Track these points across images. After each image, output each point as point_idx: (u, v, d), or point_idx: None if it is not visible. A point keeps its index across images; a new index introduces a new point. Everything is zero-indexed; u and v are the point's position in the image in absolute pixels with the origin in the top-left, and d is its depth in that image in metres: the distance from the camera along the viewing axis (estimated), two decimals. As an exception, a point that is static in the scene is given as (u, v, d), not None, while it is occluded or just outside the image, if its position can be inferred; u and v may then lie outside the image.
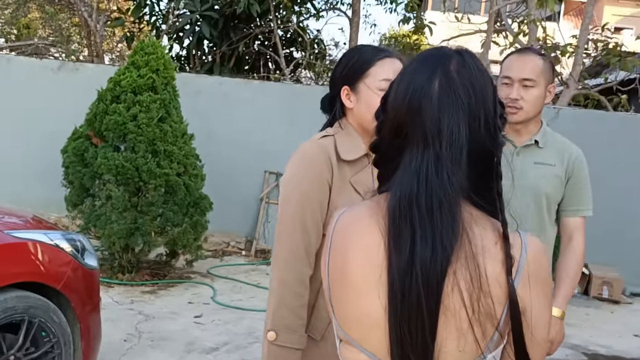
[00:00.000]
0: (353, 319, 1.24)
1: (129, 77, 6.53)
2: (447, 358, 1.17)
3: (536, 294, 1.21)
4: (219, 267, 7.71)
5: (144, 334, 5.23)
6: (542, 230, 2.72)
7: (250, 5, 10.05)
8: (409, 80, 1.25)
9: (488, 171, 1.25)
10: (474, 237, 1.17)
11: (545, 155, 2.71)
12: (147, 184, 6.38)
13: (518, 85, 2.63)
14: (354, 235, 1.26)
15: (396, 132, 1.25)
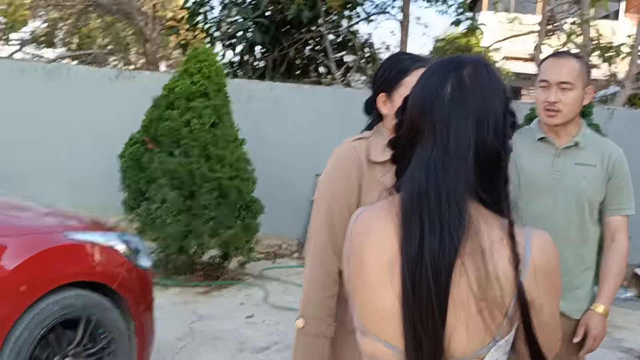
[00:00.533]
0: (370, 312, 1.34)
1: (182, 84, 6.73)
2: (458, 344, 1.25)
3: (543, 285, 1.29)
4: (271, 269, 7.85)
5: (197, 333, 5.40)
6: (583, 229, 2.76)
7: (301, 11, 10.20)
8: (425, 83, 1.36)
9: (495, 173, 1.32)
10: (481, 231, 1.25)
11: (586, 156, 2.75)
12: (200, 187, 6.55)
13: (556, 88, 2.66)
14: (370, 233, 1.36)
15: (410, 130, 1.35)
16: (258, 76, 11.08)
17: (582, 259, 2.79)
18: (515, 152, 2.75)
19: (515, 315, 1.28)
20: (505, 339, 1.29)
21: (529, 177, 2.73)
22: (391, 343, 1.31)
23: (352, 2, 11.26)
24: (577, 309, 2.78)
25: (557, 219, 2.70)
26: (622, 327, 6.48)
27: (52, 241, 3.41)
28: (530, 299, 1.27)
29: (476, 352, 1.27)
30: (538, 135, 2.79)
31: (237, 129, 7.02)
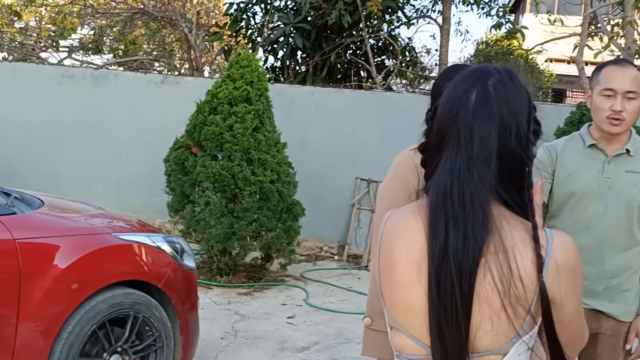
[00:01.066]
0: (400, 308, 1.43)
1: (225, 90, 6.90)
2: (483, 340, 1.34)
3: (566, 284, 1.37)
4: (312, 271, 7.95)
5: (239, 332, 5.53)
6: (632, 235, 2.79)
7: (342, 16, 10.30)
8: (452, 91, 1.45)
9: (519, 178, 1.40)
10: (504, 232, 1.34)
11: (636, 164, 2.78)
12: (242, 190, 6.71)
13: (621, 97, 2.69)
14: (400, 234, 1.45)
15: (438, 136, 1.44)
16: (299, 81, 11.21)
17: (631, 263, 2.82)
18: (564, 157, 2.80)
19: (537, 312, 1.35)
20: (529, 334, 1.37)
21: (579, 183, 2.78)
22: (420, 339, 1.40)
23: (393, 7, 11.32)
24: (626, 312, 2.82)
25: (606, 224, 2.75)
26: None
27: (102, 242, 3.57)
28: (552, 297, 1.34)
29: (500, 347, 1.35)
30: (588, 142, 2.81)
31: (279, 133, 7.15)
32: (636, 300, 2.83)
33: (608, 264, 2.77)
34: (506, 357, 1.36)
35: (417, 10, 12.63)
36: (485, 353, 1.35)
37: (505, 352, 1.36)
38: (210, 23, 12.75)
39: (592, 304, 2.79)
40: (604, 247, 2.76)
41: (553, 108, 8.60)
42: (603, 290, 2.78)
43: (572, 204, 2.80)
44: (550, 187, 2.86)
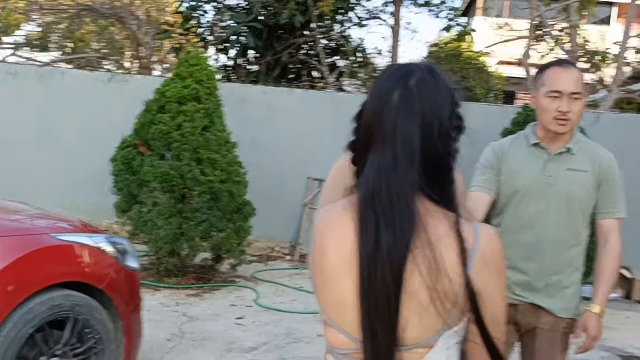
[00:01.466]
0: (332, 303, 1.44)
1: (173, 88, 6.81)
2: (411, 332, 1.35)
3: (490, 276, 1.40)
4: (263, 271, 7.91)
5: (186, 334, 5.46)
6: (574, 232, 2.85)
7: (293, 15, 10.29)
8: (376, 90, 1.47)
9: (442, 173, 1.42)
10: (430, 227, 1.36)
11: (577, 162, 2.83)
12: (191, 190, 6.63)
13: (567, 98, 2.74)
14: (331, 230, 1.46)
15: (365, 134, 1.45)
16: (251, 80, 11.15)
17: (572, 260, 2.87)
18: (509, 156, 2.87)
19: (465, 305, 1.37)
20: (457, 327, 1.39)
21: (522, 181, 2.84)
22: (351, 333, 1.40)
23: (344, 7, 11.34)
24: (564, 308, 2.87)
25: (548, 221, 2.80)
26: (606, 327, 6.48)
27: (40, 242, 3.47)
28: (478, 289, 1.37)
29: (427, 340, 1.37)
30: (532, 141, 2.87)
31: (229, 132, 7.09)
32: (575, 297, 2.89)
33: (549, 261, 2.82)
34: (433, 349, 1.38)
35: (369, 11, 12.69)
36: (413, 346, 1.37)
37: (431, 345, 1.38)
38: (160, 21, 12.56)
39: (532, 299, 2.84)
40: (545, 244, 2.81)
41: (500, 109, 8.72)
42: (543, 287, 2.83)
43: (516, 201, 2.85)
44: (497, 185, 2.90)
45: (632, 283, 7.79)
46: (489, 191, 2.89)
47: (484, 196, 2.89)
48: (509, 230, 2.84)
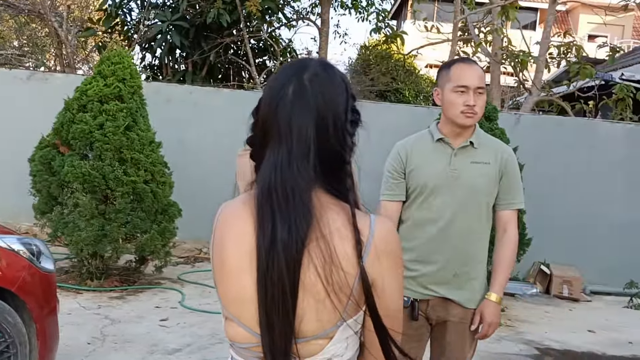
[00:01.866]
0: (232, 298, 1.45)
1: (95, 87, 6.67)
2: (308, 326, 1.38)
3: (386, 267, 1.42)
4: (190, 272, 7.83)
5: (108, 337, 5.36)
6: (480, 224, 2.96)
7: (220, 15, 10.22)
8: (271, 86, 1.47)
9: (338, 167, 1.44)
10: (325, 221, 1.38)
11: (480, 155, 2.95)
12: (114, 191, 6.51)
13: (473, 93, 2.87)
14: (231, 225, 1.47)
15: (262, 129, 1.46)
16: (178, 80, 11.03)
17: (478, 252, 2.98)
18: (414, 153, 2.97)
19: (360, 297, 1.40)
20: (353, 318, 1.41)
21: (429, 175, 2.93)
22: (251, 327, 1.42)
23: (272, 8, 11.34)
24: (472, 299, 2.96)
25: (456, 214, 2.90)
26: (525, 321, 6.78)
27: (-52, 244, 3.35)
28: (372, 280, 1.40)
29: (325, 332, 1.39)
30: (437, 137, 2.97)
31: (154, 132, 6.98)
32: (482, 287, 2.99)
33: (457, 253, 2.92)
34: (332, 340, 1.40)
35: (297, 12, 12.73)
36: (311, 338, 1.39)
37: (331, 336, 1.40)
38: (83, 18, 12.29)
39: (442, 292, 2.93)
40: (453, 236, 2.90)
41: (427, 110, 8.88)
42: (452, 278, 2.92)
43: (423, 196, 2.94)
44: (405, 186, 2.99)
45: (551, 279, 8.05)
46: (397, 197, 3.01)
47: (394, 205, 3.01)
48: (418, 224, 2.94)
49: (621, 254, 8.49)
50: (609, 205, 8.60)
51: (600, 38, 27.03)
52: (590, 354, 5.91)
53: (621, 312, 7.58)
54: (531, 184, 7.17)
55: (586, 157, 8.60)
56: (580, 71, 9.07)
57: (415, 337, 2.96)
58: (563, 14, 33.01)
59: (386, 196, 3.03)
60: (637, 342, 6.37)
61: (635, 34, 31.20)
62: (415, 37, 12.84)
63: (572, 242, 8.47)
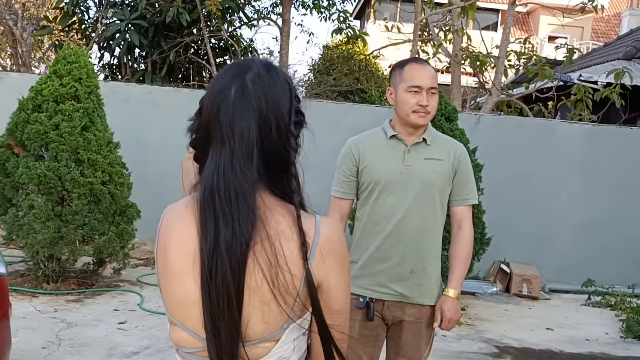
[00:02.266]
0: (176, 302, 1.42)
1: (50, 86, 6.54)
2: (255, 329, 1.36)
3: (332, 268, 1.41)
4: (149, 275, 7.72)
5: (64, 341, 5.25)
6: (434, 220, 2.99)
7: (180, 14, 10.12)
8: (213, 87, 1.45)
9: (282, 168, 1.42)
10: (270, 222, 1.37)
11: (433, 152, 2.99)
12: (70, 193, 6.39)
13: (426, 93, 2.90)
14: (174, 228, 1.44)
15: (204, 131, 1.43)
16: (138, 79, 10.88)
17: (432, 248, 3.00)
18: (367, 150, 2.99)
19: (307, 298, 1.39)
20: (299, 321, 1.40)
21: (383, 172, 2.95)
22: (196, 332, 1.39)
23: (233, 7, 11.26)
24: (429, 295, 2.98)
25: (410, 210, 2.92)
26: (485, 320, 6.84)
27: None
28: (318, 282, 1.39)
29: (272, 334, 1.38)
30: (390, 134, 2.99)
31: (112, 132, 6.87)
32: (437, 284, 3.01)
33: (412, 249, 2.93)
34: (279, 342, 1.39)
35: (258, 12, 12.67)
36: (258, 340, 1.37)
37: (277, 338, 1.39)
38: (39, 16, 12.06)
39: (399, 289, 2.93)
40: (409, 232, 2.92)
41: (387, 110, 8.90)
42: (409, 274, 2.93)
43: (378, 191, 2.96)
44: (356, 184, 3.00)
45: (511, 277, 8.13)
46: (348, 195, 3.03)
47: (344, 202, 3.04)
48: (373, 221, 2.96)
49: (579, 253, 8.63)
50: (567, 204, 8.73)
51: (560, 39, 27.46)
52: (548, 351, 5.98)
53: (579, 310, 7.68)
54: (491, 184, 7.27)
55: (545, 157, 8.71)
56: (540, 72, 9.18)
57: (371, 338, 2.96)
58: (524, 15, 33.51)
59: (337, 192, 3.05)
60: (594, 339, 6.48)
61: (594, 35, 31.81)
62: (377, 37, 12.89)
63: (531, 241, 8.58)
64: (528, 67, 9.53)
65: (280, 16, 11.92)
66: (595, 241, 8.66)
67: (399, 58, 3.48)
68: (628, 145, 8.79)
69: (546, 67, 9.23)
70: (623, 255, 8.64)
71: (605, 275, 8.35)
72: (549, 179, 8.71)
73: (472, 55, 9.20)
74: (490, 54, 9.29)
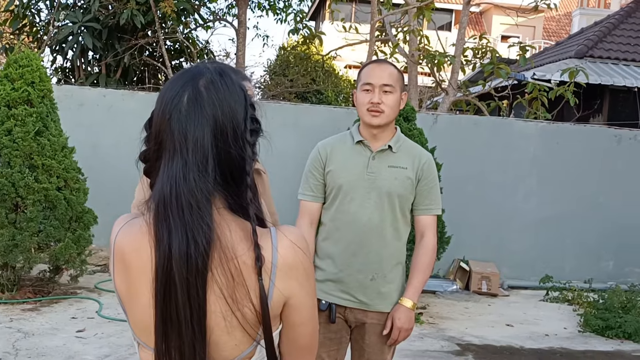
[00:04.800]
0: (139, 323, 1.36)
1: (2, 91, 6.38)
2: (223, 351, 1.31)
3: (296, 281, 1.35)
4: (107, 281, 7.59)
5: (21, 351, 5.13)
6: (396, 227, 2.96)
7: (134, 16, 9.99)
8: (164, 94, 1.37)
9: (238, 179, 1.35)
10: (225, 236, 1.30)
11: (398, 159, 2.95)
12: (24, 199, 6.25)
13: (378, 90, 2.86)
14: (129, 247, 1.36)
15: (155, 141, 1.36)
16: (92, 82, 10.71)
17: (394, 255, 2.98)
18: (334, 154, 2.96)
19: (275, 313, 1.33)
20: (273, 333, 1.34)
21: (347, 177, 2.92)
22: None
23: (188, 9, 11.16)
24: (390, 302, 2.95)
25: (372, 217, 2.89)
26: (446, 318, 6.90)
27: None
28: (286, 297, 1.33)
29: (243, 354, 1.33)
30: (356, 139, 2.96)
31: (66, 137, 6.74)
32: (399, 291, 2.98)
33: (374, 255, 2.91)
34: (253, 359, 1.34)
35: (214, 13, 12.58)
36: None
37: (250, 356, 1.34)
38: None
39: (360, 297, 2.91)
40: (370, 239, 2.90)
41: (346, 111, 8.92)
42: (370, 281, 2.91)
43: (340, 197, 2.93)
44: (324, 187, 2.97)
45: (470, 275, 8.22)
46: (317, 199, 3.00)
47: (313, 205, 3.00)
48: (336, 226, 2.93)
49: (536, 249, 8.77)
50: (523, 201, 8.86)
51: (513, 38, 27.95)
52: (509, 347, 6.06)
53: (537, 306, 7.80)
54: (449, 182, 7.33)
55: (501, 155, 8.82)
56: (495, 71, 9.30)
57: (335, 340, 2.94)
58: (477, 15, 33.99)
59: (306, 196, 3.01)
60: (553, 334, 6.58)
61: (545, 34, 32.42)
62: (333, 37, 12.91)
63: (489, 239, 8.69)
64: (484, 65, 9.64)
65: (236, 17, 11.86)
66: (552, 237, 8.81)
67: (355, 58, 3.47)
68: (582, 142, 8.96)
69: (502, 65, 9.35)
70: (579, 251, 8.81)
71: (562, 271, 8.51)
72: (505, 177, 8.83)
73: (429, 55, 9.27)
74: (447, 53, 9.37)
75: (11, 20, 10.75)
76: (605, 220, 8.83)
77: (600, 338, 6.50)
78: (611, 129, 9.27)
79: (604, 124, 11.83)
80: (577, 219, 8.83)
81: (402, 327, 2.89)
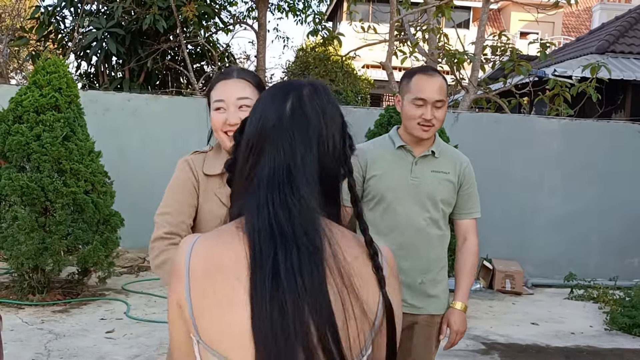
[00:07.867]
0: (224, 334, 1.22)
1: (30, 97, 6.51)
2: None
3: (396, 290, 1.35)
4: (134, 282, 7.71)
5: (53, 352, 5.24)
6: (440, 231, 3.01)
7: (157, 21, 10.10)
8: (265, 104, 1.33)
9: (337, 192, 1.33)
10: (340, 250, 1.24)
11: (440, 164, 2.99)
12: (54, 203, 6.37)
13: (431, 106, 2.86)
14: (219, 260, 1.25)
15: (250, 151, 1.29)
16: (115, 87, 10.85)
17: (439, 258, 3.03)
18: (375, 160, 2.97)
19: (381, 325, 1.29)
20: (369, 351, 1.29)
21: (390, 183, 2.94)
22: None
23: (209, 13, 11.26)
24: (439, 305, 3.01)
25: (418, 221, 2.93)
26: (470, 317, 6.89)
27: None
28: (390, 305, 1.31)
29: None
30: (398, 144, 2.98)
31: (93, 141, 6.86)
32: (446, 293, 3.04)
33: (422, 259, 2.95)
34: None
35: (234, 17, 12.67)
36: None
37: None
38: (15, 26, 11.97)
39: (410, 300, 2.94)
40: (417, 243, 2.93)
41: (366, 111, 8.97)
42: (419, 285, 2.95)
43: (385, 203, 2.95)
44: (362, 189, 2.99)
45: (494, 274, 8.22)
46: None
47: (349, 210, 2.99)
48: (381, 232, 2.91)
49: (560, 247, 8.75)
50: (547, 198, 8.84)
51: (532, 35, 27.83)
52: (534, 346, 6.06)
53: (562, 304, 7.78)
54: (472, 180, 7.34)
55: (524, 152, 8.82)
56: (516, 68, 9.29)
57: None
58: (495, 12, 33.81)
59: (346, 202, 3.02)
60: (579, 332, 6.57)
61: (565, 30, 32.20)
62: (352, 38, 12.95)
63: (513, 237, 8.68)
64: (504, 62, 9.63)
65: (256, 20, 11.94)
66: (576, 235, 8.78)
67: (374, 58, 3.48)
68: (605, 138, 8.93)
69: (522, 62, 9.33)
70: (603, 248, 8.77)
71: (587, 268, 8.47)
72: (528, 174, 8.82)
73: (449, 53, 9.28)
74: (466, 52, 9.37)
75: (37, 27, 10.92)
76: (630, 217, 8.78)
77: (627, 336, 6.48)
78: (635, 125, 9.22)
79: (626, 119, 11.77)
80: (602, 215, 8.80)
81: (458, 330, 2.98)
